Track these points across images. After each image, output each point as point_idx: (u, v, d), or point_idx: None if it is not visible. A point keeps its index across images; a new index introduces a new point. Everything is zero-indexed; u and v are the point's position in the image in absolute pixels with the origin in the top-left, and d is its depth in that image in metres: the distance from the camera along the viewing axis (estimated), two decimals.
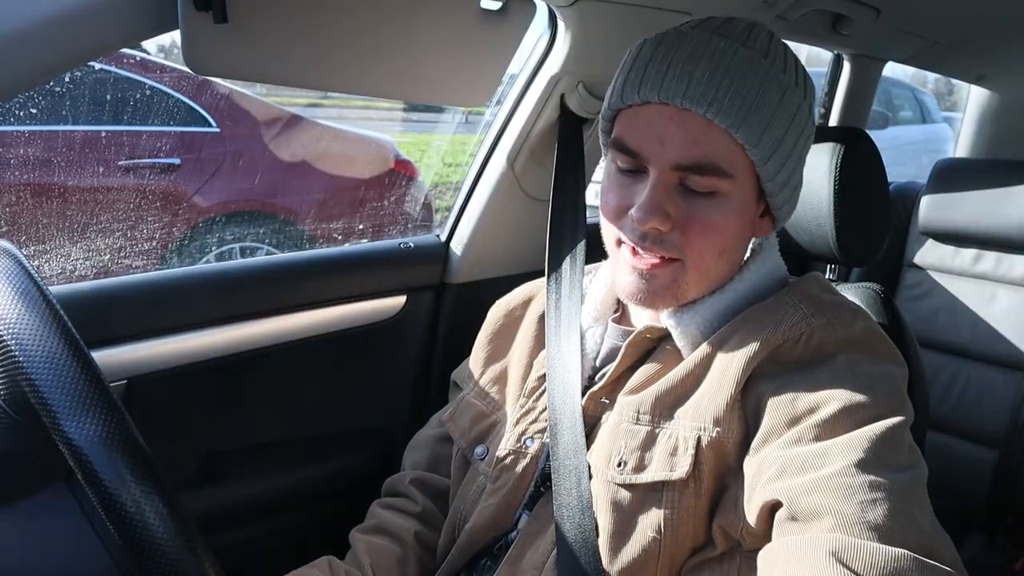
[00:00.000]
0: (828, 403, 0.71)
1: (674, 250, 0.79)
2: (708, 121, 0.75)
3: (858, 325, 0.78)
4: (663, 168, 0.77)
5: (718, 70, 0.75)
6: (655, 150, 0.77)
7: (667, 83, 0.75)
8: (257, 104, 3.10)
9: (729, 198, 0.78)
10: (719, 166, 0.76)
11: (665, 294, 0.81)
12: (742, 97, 0.75)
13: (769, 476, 0.70)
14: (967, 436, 1.77)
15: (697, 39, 0.77)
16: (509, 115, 1.35)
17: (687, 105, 0.75)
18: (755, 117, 0.75)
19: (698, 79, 0.74)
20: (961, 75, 2.09)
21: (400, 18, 0.90)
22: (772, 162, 0.78)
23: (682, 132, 0.76)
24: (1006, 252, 1.79)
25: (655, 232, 0.78)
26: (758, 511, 0.70)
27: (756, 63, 0.76)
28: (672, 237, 0.78)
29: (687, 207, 0.78)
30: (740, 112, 0.75)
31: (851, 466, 0.66)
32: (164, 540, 0.56)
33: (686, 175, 0.77)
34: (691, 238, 0.78)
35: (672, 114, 0.76)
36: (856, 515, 0.63)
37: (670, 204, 0.77)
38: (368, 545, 0.95)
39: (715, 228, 0.78)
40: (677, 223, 0.78)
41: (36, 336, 0.59)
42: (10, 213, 2.32)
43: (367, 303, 1.32)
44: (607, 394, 0.86)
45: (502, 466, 0.90)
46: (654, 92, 0.76)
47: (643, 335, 0.85)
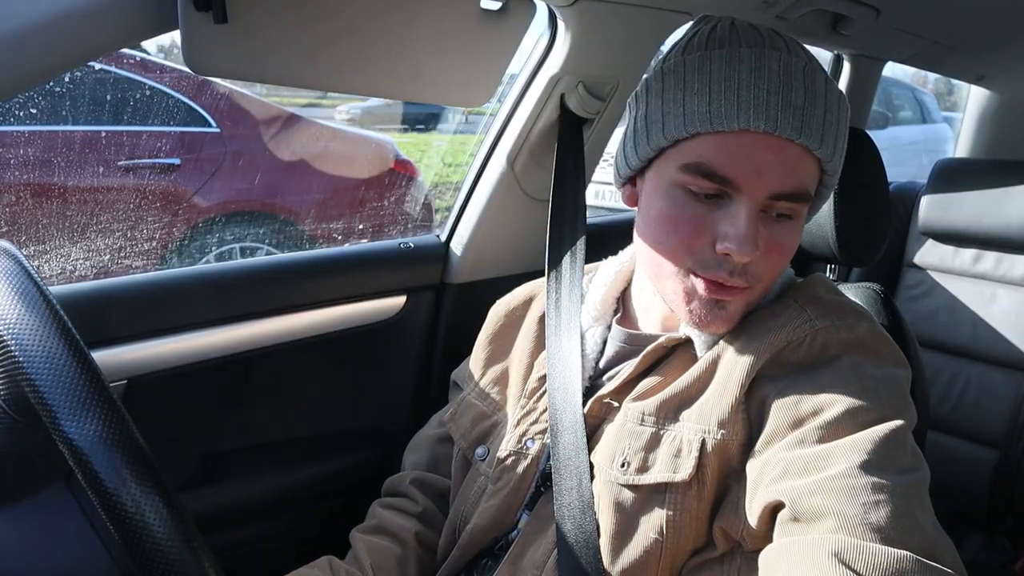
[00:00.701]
0: (832, 405, 0.71)
1: (753, 279, 0.76)
2: (804, 149, 0.74)
3: (862, 327, 0.78)
4: (758, 197, 0.73)
5: (815, 97, 0.73)
6: (752, 179, 0.73)
7: (771, 112, 0.72)
8: (257, 104, 3.10)
9: (801, 219, 0.78)
10: (809, 192, 0.76)
11: (736, 317, 0.80)
12: (831, 124, 0.75)
13: (772, 477, 0.70)
14: (967, 436, 1.77)
15: (773, 58, 0.74)
16: (509, 115, 1.35)
17: (792, 135, 0.72)
18: (840, 142, 0.77)
19: (798, 108, 0.72)
20: (961, 75, 2.09)
21: (400, 18, 0.90)
22: (837, 175, 0.80)
23: (780, 161, 0.73)
24: (1006, 252, 1.79)
25: (744, 265, 0.75)
26: (760, 512, 0.70)
27: (830, 84, 0.76)
28: (754, 266, 0.76)
29: (769, 234, 0.75)
30: (831, 141, 0.75)
31: (854, 468, 0.66)
32: (164, 540, 0.56)
33: (775, 203, 0.75)
34: (769, 265, 0.77)
35: (772, 143, 0.72)
36: (859, 516, 0.63)
37: (758, 234, 0.74)
38: (368, 545, 0.95)
39: (788, 250, 0.78)
40: (762, 251, 0.75)
41: (36, 336, 0.59)
42: (10, 213, 2.32)
43: (367, 303, 1.32)
44: (614, 397, 0.86)
45: (503, 467, 0.90)
46: (759, 122, 0.71)
47: (661, 345, 0.84)
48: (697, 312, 0.78)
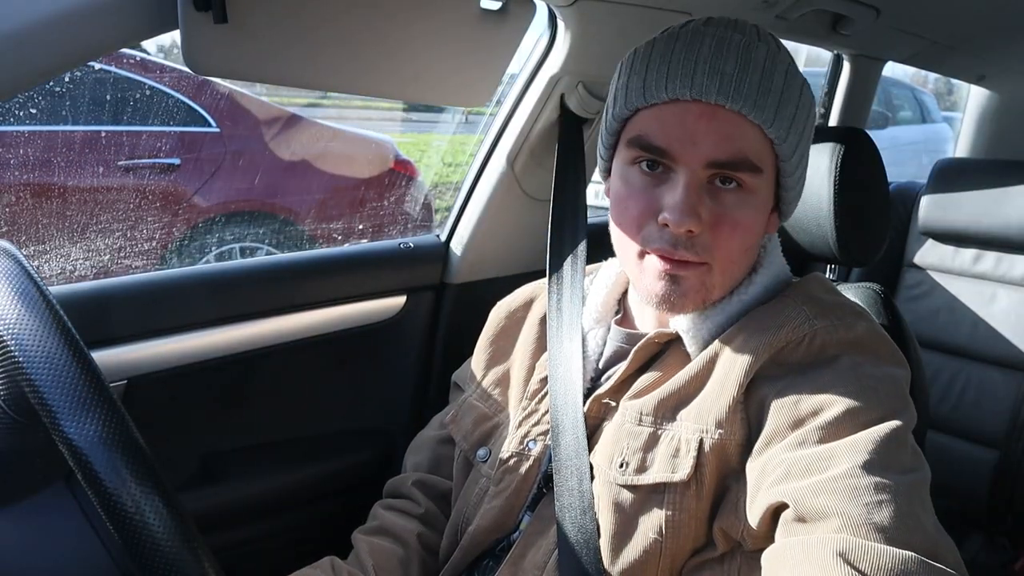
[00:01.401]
0: (832, 405, 0.71)
1: (704, 253, 0.77)
2: (740, 116, 0.74)
3: (861, 327, 0.78)
4: (695, 167, 0.75)
5: (748, 65, 0.74)
6: (687, 148, 0.75)
7: (698, 79, 0.73)
8: (257, 104, 3.10)
9: (755, 194, 0.77)
10: (752, 162, 0.75)
11: (695, 297, 0.80)
12: (771, 92, 0.74)
13: (774, 479, 0.69)
14: (967, 436, 1.77)
15: (716, 35, 0.76)
16: (509, 115, 1.35)
17: (721, 101, 0.73)
18: (785, 111, 0.75)
19: (729, 75, 0.73)
20: (961, 75, 2.09)
21: (400, 18, 0.90)
22: (795, 156, 0.79)
23: (714, 129, 0.74)
24: (1006, 252, 1.79)
25: (687, 235, 0.76)
26: (762, 513, 0.70)
27: (777, 57, 0.76)
28: (701, 239, 0.76)
29: (715, 207, 0.76)
30: (771, 107, 0.75)
31: (857, 468, 0.66)
32: (164, 540, 0.56)
33: (717, 173, 0.76)
34: (720, 239, 0.76)
35: (703, 110, 0.74)
36: (862, 516, 0.63)
37: (701, 205, 0.75)
38: (370, 546, 0.95)
39: (743, 226, 0.77)
40: (707, 224, 0.76)
41: (36, 336, 0.59)
42: (10, 213, 2.32)
43: (367, 303, 1.32)
44: (612, 397, 0.86)
45: (505, 468, 0.90)
46: (685, 89, 0.74)
47: (652, 341, 0.84)
48: (653, 289, 0.79)
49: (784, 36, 1.49)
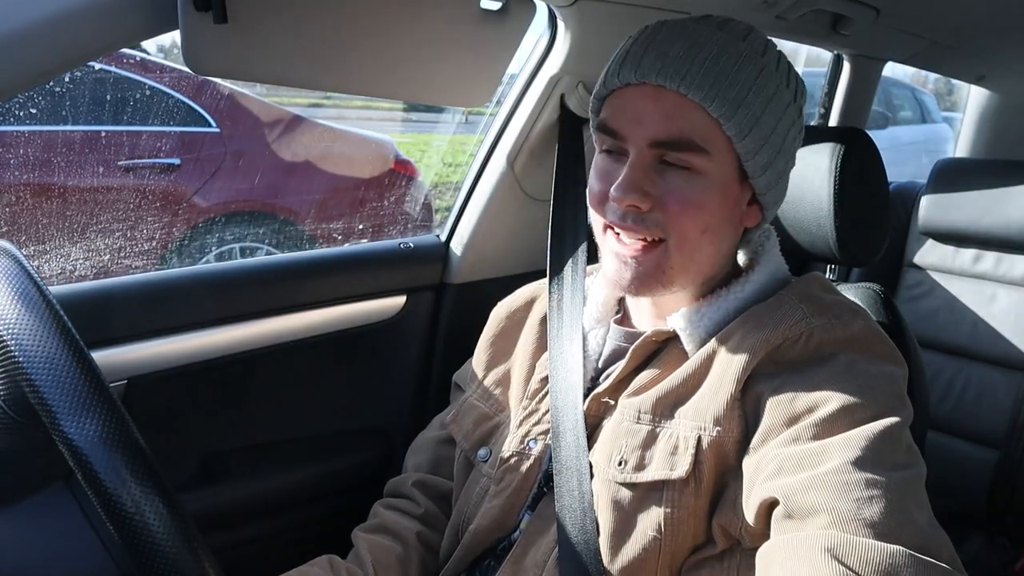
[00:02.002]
0: (827, 402, 0.71)
1: (656, 228, 0.79)
2: (682, 96, 0.76)
3: (858, 325, 0.78)
4: (640, 146, 0.78)
5: (692, 48, 0.76)
6: (633, 128, 0.78)
7: (644, 63, 0.77)
8: (257, 104, 3.10)
9: (707, 175, 0.78)
10: (694, 141, 0.77)
11: (651, 280, 0.81)
12: (715, 73, 0.76)
13: (767, 474, 0.70)
14: (967, 436, 1.77)
15: (676, 24, 0.79)
16: (509, 115, 1.35)
17: (661, 81, 0.76)
18: (729, 92, 0.76)
19: (672, 57, 0.76)
20: (961, 75, 2.09)
21: (400, 18, 0.90)
22: (750, 140, 0.78)
23: (657, 109, 0.77)
24: (1006, 252, 1.79)
25: (634, 210, 0.78)
26: (756, 509, 0.70)
27: (731, 43, 0.78)
28: (653, 216, 0.78)
29: (665, 184, 0.78)
30: (714, 86, 0.75)
31: (848, 464, 0.66)
32: (164, 540, 0.56)
33: (663, 152, 0.78)
34: (671, 216, 0.78)
35: (648, 92, 0.78)
36: (852, 512, 0.63)
37: (648, 182, 0.78)
38: (370, 544, 0.95)
39: (694, 204, 0.78)
40: (657, 202, 0.78)
41: (36, 336, 0.59)
42: (10, 213, 2.32)
43: (367, 303, 1.32)
44: (610, 395, 0.86)
45: (506, 467, 0.90)
46: (631, 73, 0.78)
47: (649, 339, 0.85)
48: (611, 272, 0.82)
49: (784, 36, 1.49)
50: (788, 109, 0.81)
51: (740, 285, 0.85)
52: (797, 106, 0.82)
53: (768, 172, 0.81)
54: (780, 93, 0.80)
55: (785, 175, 0.85)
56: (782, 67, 0.81)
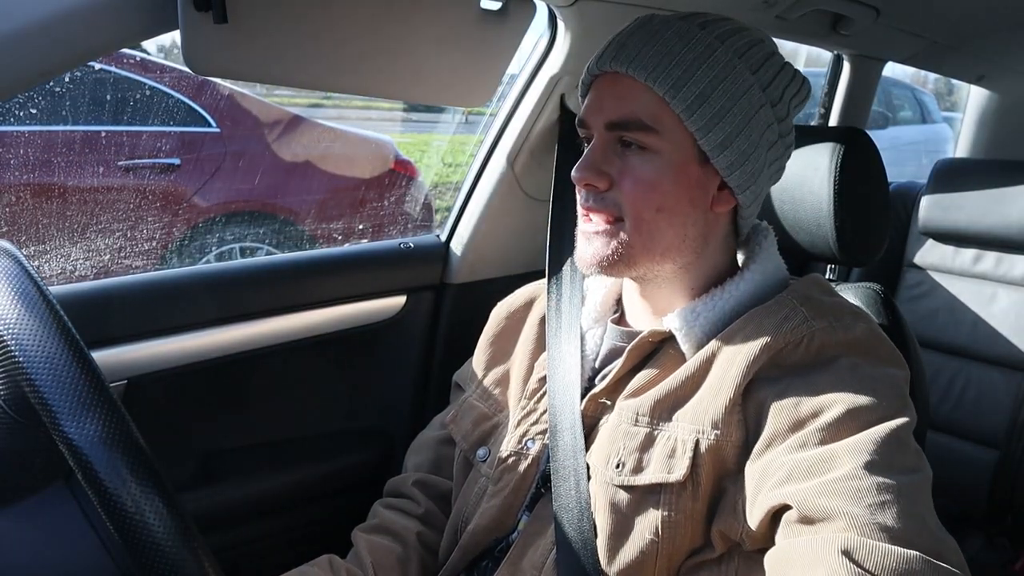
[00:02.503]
0: (832, 407, 0.71)
1: (614, 207, 0.82)
2: (632, 80, 0.80)
3: (859, 328, 0.78)
4: (599, 129, 0.83)
5: (648, 37, 0.80)
6: (594, 115, 0.83)
7: (606, 54, 0.83)
8: (257, 104, 3.10)
9: (660, 154, 0.80)
10: (642, 120, 0.79)
11: (613, 257, 0.82)
12: (661, 55, 0.79)
13: (775, 481, 0.70)
14: (967, 436, 1.77)
15: (644, 19, 0.83)
16: (509, 115, 1.35)
17: (615, 68, 0.81)
18: (674, 71, 0.79)
19: (627, 45, 0.81)
20: (961, 75, 2.09)
21: (400, 18, 0.90)
22: (699, 117, 0.79)
23: (612, 93, 0.82)
24: (1006, 252, 1.79)
25: (593, 190, 0.83)
26: (763, 515, 0.70)
27: (687, 30, 0.81)
28: (612, 195, 0.82)
29: (622, 165, 0.82)
30: (658, 67, 0.79)
31: (859, 468, 0.66)
32: (164, 540, 0.56)
33: (618, 134, 0.82)
34: (626, 193, 0.81)
35: (609, 80, 0.83)
36: (867, 517, 0.63)
37: (607, 163, 0.82)
38: (370, 544, 0.95)
39: (647, 182, 0.80)
40: (615, 181, 0.82)
41: (36, 336, 0.59)
42: (10, 213, 2.32)
43: (367, 303, 1.32)
44: (607, 396, 0.86)
45: (504, 467, 0.90)
46: (594, 65, 0.84)
47: (646, 339, 0.85)
48: (578, 252, 0.86)
49: (784, 36, 1.49)
50: (751, 93, 0.80)
51: (735, 283, 0.85)
52: (768, 94, 0.82)
53: (728, 152, 0.80)
54: (737, 75, 0.80)
55: (753, 159, 0.82)
56: (750, 55, 0.81)
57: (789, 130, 0.86)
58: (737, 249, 0.91)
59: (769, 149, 0.83)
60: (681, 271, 0.85)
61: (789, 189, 1.06)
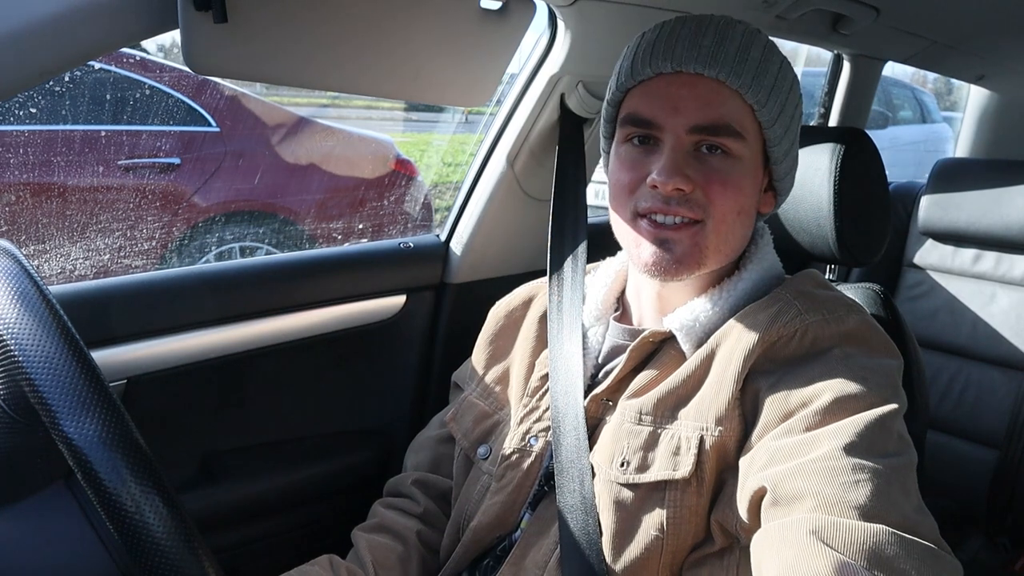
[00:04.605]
0: (820, 395, 0.72)
1: (698, 209, 0.80)
2: (720, 84, 0.78)
3: (852, 320, 0.79)
4: (679, 132, 0.79)
5: (725, 39, 0.79)
6: (670, 116, 0.79)
7: (678, 52, 0.79)
8: (257, 104, 3.10)
9: (742, 160, 0.80)
10: (732, 126, 0.79)
11: (688, 260, 0.81)
12: (748, 61, 0.78)
13: (758, 466, 0.70)
14: (967, 436, 1.77)
15: (698, 19, 0.82)
16: (509, 115, 1.35)
17: (699, 70, 0.78)
18: (763, 80, 0.79)
19: (707, 47, 0.78)
20: (961, 75, 2.09)
21: (400, 18, 0.90)
22: (778, 125, 0.81)
23: (695, 96, 0.79)
24: (1006, 252, 1.79)
25: (678, 194, 0.79)
26: (748, 501, 0.70)
27: (754, 34, 0.81)
28: (695, 196, 0.80)
29: (704, 168, 0.80)
30: (748, 74, 0.78)
31: (837, 450, 0.67)
32: (164, 540, 0.56)
33: (701, 138, 0.79)
34: (713, 195, 0.80)
35: (685, 80, 0.79)
36: (837, 496, 0.64)
37: (688, 167, 0.79)
38: (370, 543, 0.95)
39: (733, 185, 0.80)
40: (697, 183, 0.79)
41: (36, 336, 0.59)
42: (10, 213, 2.32)
43: (367, 303, 1.32)
44: (609, 395, 0.86)
45: (507, 464, 0.90)
46: (666, 63, 0.79)
47: (647, 339, 0.85)
48: (646, 256, 0.81)
49: (784, 36, 1.49)
50: (800, 102, 0.85)
51: (733, 283, 0.86)
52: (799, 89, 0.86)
53: (787, 158, 0.85)
54: (795, 83, 0.84)
55: (796, 162, 0.88)
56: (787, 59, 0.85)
57: None
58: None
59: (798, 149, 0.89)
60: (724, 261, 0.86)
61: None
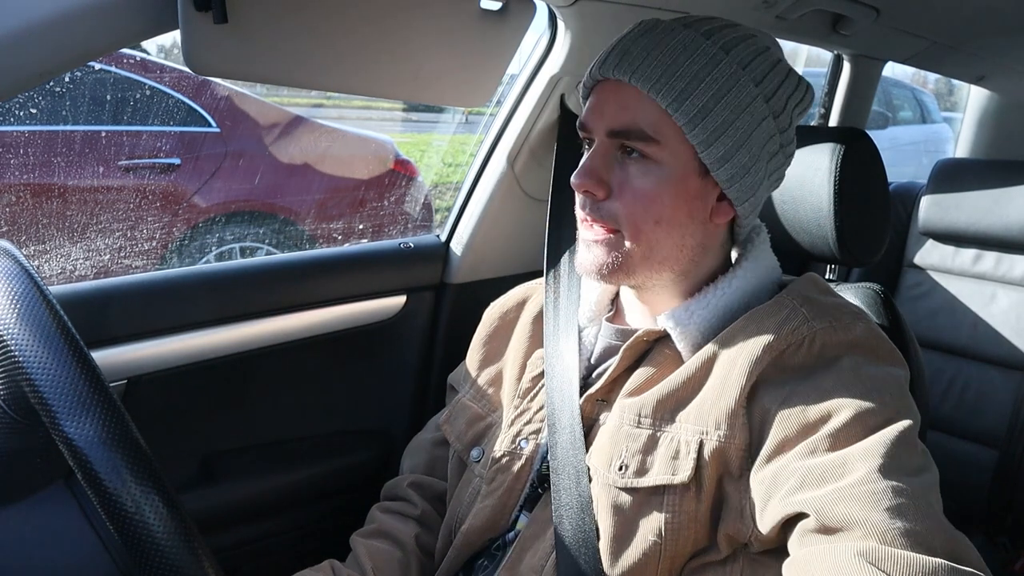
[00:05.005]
0: (839, 411, 0.71)
1: (610, 220, 0.81)
2: (636, 90, 0.79)
3: (859, 327, 0.78)
4: (600, 136, 0.82)
5: (653, 46, 0.79)
6: (596, 120, 0.83)
7: (608, 60, 0.82)
8: (257, 104, 3.10)
9: (660, 165, 0.80)
10: (643, 130, 0.79)
11: (615, 268, 0.82)
12: (666, 66, 0.78)
13: (788, 488, 0.69)
14: (967, 436, 1.77)
15: (648, 24, 0.82)
16: (509, 115, 1.35)
17: (619, 76, 0.80)
18: (678, 83, 0.78)
19: (631, 53, 0.80)
20: (961, 75, 2.08)
21: (400, 18, 0.90)
22: (701, 130, 0.78)
23: (615, 101, 0.81)
24: (1006, 252, 1.79)
25: (591, 197, 0.82)
26: (775, 522, 0.70)
27: (692, 40, 0.79)
28: (609, 206, 0.81)
29: (621, 175, 0.81)
30: (662, 78, 0.78)
31: (873, 473, 0.67)
32: (164, 540, 0.56)
33: (619, 142, 0.81)
34: (624, 205, 0.81)
35: (612, 87, 0.82)
36: (885, 522, 0.64)
37: (606, 171, 0.81)
38: (369, 549, 0.95)
39: (646, 194, 0.80)
40: (614, 191, 0.81)
41: (36, 336, 0.59)
42: (10, 213, 2.32)
43: (367, 303, 1.32)
44: (604, 395, 0.86)
45: (497, 467, 0.90)
46: (598, 70, 0.83)
47: (640, 339, 0.85)
48: (578, 258, 0.86)
49: (784, 36, 1.49)
50: (753, 105, 0.80)
51: (727, 281, 0.85)
52: (771, 105, 0.81)
53: (728, 165, 0.80)
54: (741, 88, 0.79)
55: (753, 171, 0.82)
56: (754, 66, 0.80)
57: (791, 140, 0.85)
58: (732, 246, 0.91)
59: (770, 160, 0.83)
60: (679, 277, 0.86)
61: (789, 189, 1.06)
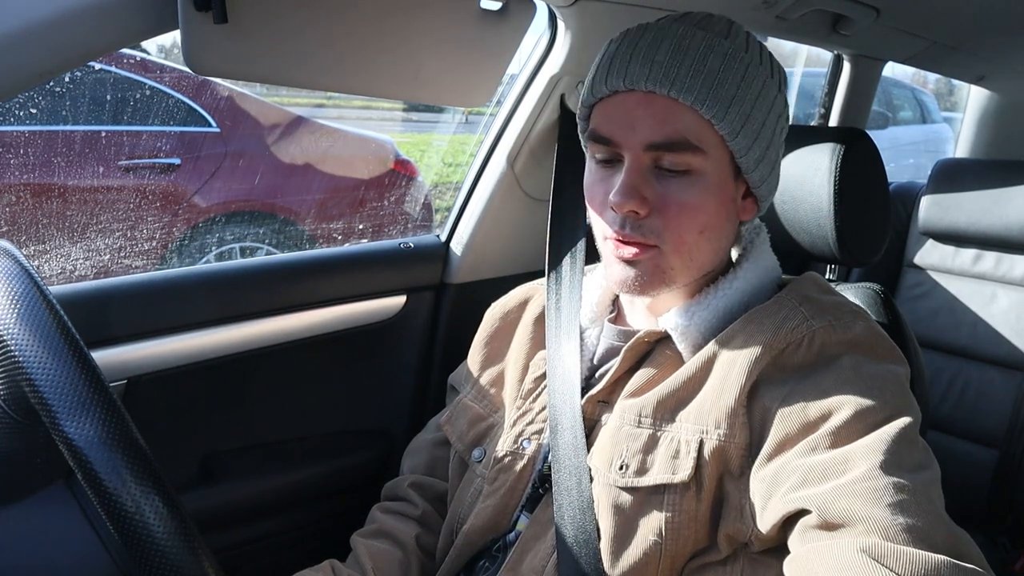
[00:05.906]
0: (840, 409, 0.71)
1: (652, 236, 0.79)
2: (673, 100, 0.77)
3: (859, 326, 0.78)
4: (636, 151, 0.78)
5: (679, 51, 0.77)
6: (627, 135, 0.79)
7: (631, 70, 0.78)
8: (257, 104, 3.10)
9: (704, 175, 0.79)
10: (689, 141, 0.77)
11: (654, 280, 0.81)
12: (704, 74, 0.76)
13: (789, 486, 0.69)
14: (967, 436, 1.77)
15: (658, 28, 0.80)
16: (509, 115, 1.35)
17: (651, 87, 0.77)
18: (719, 92, 0.77)
19: (659, 62, 0.77)
20: (961, 75, 2.09)
21: (400, 18, 0.90)
22: (743, 136, 0.79)
23: (650, 114, 0.78)
24: (1006, 252, 1.79)
25: (633, 216, 0.79)
26: (776, 520, 0.70)
27: (715, 42, 0.78)
28: (651, 222, 0.79)
29: (663, 189, 0.79)
30: (703, 88, 0.76)
31: (874, 469, 0.67)
32: (164, 540, 0.56)
33: (659, 155, 0.78)
34: (668, 220, 0.79)
35: (639, 98, 0.78)
36: (887, 518, 0.64)
37: (646, 187, 0.78)
38: (370, 549, 0.95)
39: (691, 207, 0.79)
40: (655, 207, 0.78)
41: (36, 336, 0.59)
42: (10, 213, 2.32)
43: (367, 303, 1.32)
44: (605, 396, 0.86)
45: (499, 467, 0.90)
46: (619, 80, 0.78)
47: (642, 340, 0.85)
48: (613, 275, 0.82)
49: (784, 36, 1.49)
50: (775, 101, 0.81)
51: (728, 282, 0.85)
52: (783, 95, 0.83)
53: (761, 165, 0.82)
54: (767, 87, 0.80)
55: (777, 165, 0.85)
56: (764, 59, 0.81)
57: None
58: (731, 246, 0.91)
59: (780, 152, 0.85)
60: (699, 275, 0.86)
61: (789, 189, 1.06)
